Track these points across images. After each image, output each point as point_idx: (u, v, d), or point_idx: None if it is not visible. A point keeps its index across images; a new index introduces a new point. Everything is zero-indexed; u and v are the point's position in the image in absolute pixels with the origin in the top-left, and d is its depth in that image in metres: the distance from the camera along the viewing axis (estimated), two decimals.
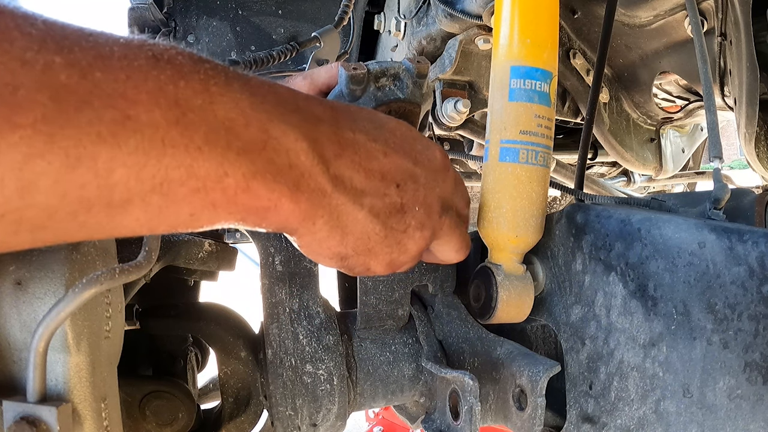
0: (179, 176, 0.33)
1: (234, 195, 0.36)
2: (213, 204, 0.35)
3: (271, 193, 0.37)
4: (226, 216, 0.37)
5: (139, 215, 0.33)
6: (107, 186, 0.30)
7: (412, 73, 0.60)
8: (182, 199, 0.34)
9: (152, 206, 0.33)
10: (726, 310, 0.47)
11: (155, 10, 1.51)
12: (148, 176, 0.32)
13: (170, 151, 0.32)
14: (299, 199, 0.39)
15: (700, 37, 0.66)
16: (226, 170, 0.35)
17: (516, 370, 0.59)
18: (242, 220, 0.38)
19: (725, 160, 0.60)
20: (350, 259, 0.47)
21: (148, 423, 0.66)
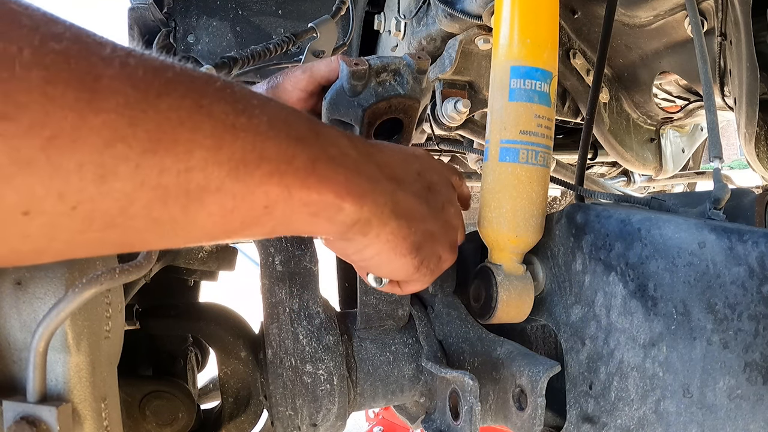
0: (253, 159, 0.33)
1: (305, 178, 0.36)
2: (288, 189, 0.36)
3: (336, 175, 0.39)
4: (301, 206, 0.37)
5: (214, 209, 0.33)
6: (186, 170, 0.31)
7: (413, 69, 0.61)
8: (257, 186, 0.34)
9: (227, 195, 0.33)
10: (726, 310, 0.47)
11: (155, 10, 1.51)
12: (224, 158, 0.32)
13: (242, 134, 0.33)
14: (361, 182, 0.41)
15: (700, 37, 0.66)
16: (293, 153, 0.36)
17: (516, 370, 0.59)
18: (317, 213, 0.39)
19: (725, 160, 0.60)
20: (423, 249, 0.50)
21: (148, 423, 0.66)
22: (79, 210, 0.28)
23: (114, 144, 0.28)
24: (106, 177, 0.28)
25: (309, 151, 0.37)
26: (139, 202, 0.30)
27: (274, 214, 0.36)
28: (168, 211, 0.31)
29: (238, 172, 0.33)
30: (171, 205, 0.31)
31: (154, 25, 1.57)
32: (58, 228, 0.28)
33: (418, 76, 0.61)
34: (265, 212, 0.36)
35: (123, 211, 0.29)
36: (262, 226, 0.37)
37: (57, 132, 0.26)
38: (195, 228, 0.34)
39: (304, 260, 0.65)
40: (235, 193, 0.33)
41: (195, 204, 0.32)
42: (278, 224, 0.38)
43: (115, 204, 0.29)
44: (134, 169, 0.29)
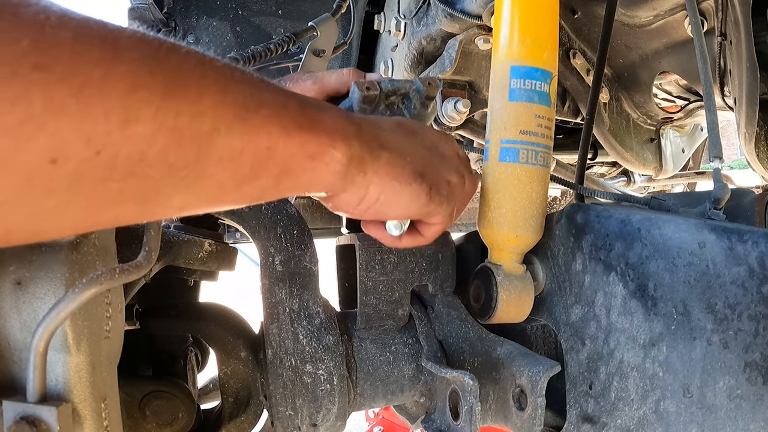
0: (253, 104, 0.38)
1: (298, 119, 0.41)
2: (284, 128, 0.39)
3: (323, 117, 0.43)
4: (298, 147, 0.40)
5: (224, 152, 0.36)
6: (198, 114, 0.34)
7: (422, 95, 0.62)
8: (260, 126, 0.38)
9: (235, 137, 0.36)
10: (726, 310, 0.47)
11: (155, 10, 1.51)
12: (229, 102, 0.36)
13: (241, 84, 0.38)
14: (345, 124, 0.45)
15: (700, 37, 0.66)
16: (285, 101, 0.41)
17: (516, 370, 0.59)
18: (314, 154, 0.42)
19: (725, 160, 0.60)
20: (428, 175, 0.51)
21: (148, 423, 0.66)
22: (103, 155, 0.30)
23: (137, 90, 0.31)
24: (130, 120, 0.31)
25: (296, 100, 0.42)
26: (156, 145, 0.32)
27: (276, 157, 0.39)
28: (183, 155, 0.34)
29: (242, 114, 0.37)
30: (186, 147, 0.34)
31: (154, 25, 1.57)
32: (82, 177, 0.30)
33: (426, 102, 0.63)
34: (269, 155, 0.39)
35: (142, 156, 0.32)
36: (268, 173, 0.40)
37: (86, 80, 0.29)
38: (207, 176, 0.36)
39: (304, 260, 0.65)
40: (242, 133, 0.37)
41: (206, 146, 0.35)
42: (282, 171, 0.40)
43: (135, 148, 0.31)
44: (154, 113, 0.32)
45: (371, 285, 0.66)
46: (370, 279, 0.66)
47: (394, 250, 0.67)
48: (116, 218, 0.35)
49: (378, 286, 0.67)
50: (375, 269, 0.66)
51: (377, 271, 0.66)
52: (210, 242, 0.70)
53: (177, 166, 0.34)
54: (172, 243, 0.66)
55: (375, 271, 0.66)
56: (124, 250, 0.55)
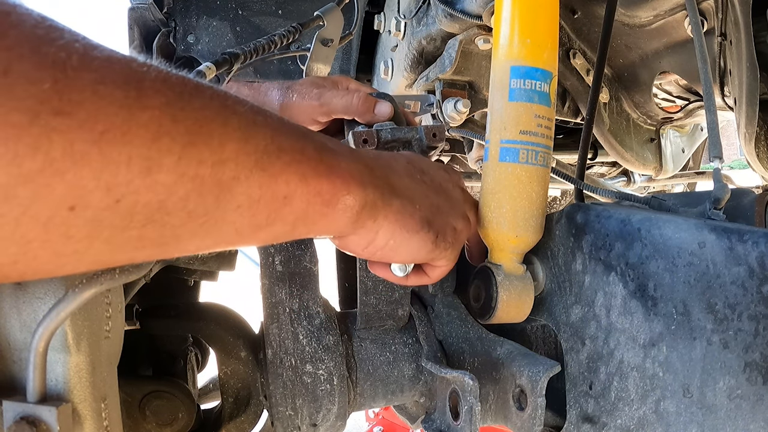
0: (274, 150, 0.37)
1: (316, 167, 0.41)
2: (304, 177, 0.39)
3: (340, 163, 0.43)
4: (315, 195, 0.41)
5: (242, 200, 0.36)
6: (220, 162, 0.33)
7: (423, 145, 0.63)
8: (279, 174, 0.38)
9: (254, 185, 0.36)
10: (726, 310, 0.47)
11: (155, 10, 1.51)
12: (251, 149, 0.36)
13: (262, 129, 0.37)
14: (360, 167, 0.45)
15: (700, 37, 0.66)
16: (303, 145, 0.40)
17: (516, 370, 0.59)
18: (329, 201, 0.42)
19: (725, 160, 0.60)
20: (435, 222, 0.52)
21: (148, 423, 0.66)
22: (122, 203, 0.30)
23: (160, 138, 0.30)
24: (152, 169, 0.30)
25: (314, 143, 0.42)
26: (177, 194, 0.32)
27: (293, 205, 0.39)
28: (203, 203, 0.33)
29: (263, 162, 0.36)
30: (206, 195, 0.33)
31: (154, 25, 1.57)
32: (101, 224, 0.30)
33: (427, 150, 0.63)
34: (285, 203, 0.39)
35: (162, 205, 0.31)
36: (284, 221, 0.40)
37: (109, 126, 0.28)
38: (225, 223, 0.36)
39: (304, 260, 0.65)
40: (261, 182, 0.36)
41: (226, 194, 0.34)
42: (297, 219, 0.40)
43: (155, 197, 0.31)
44: (177, 161, 0.31)
45: (371, 285, 0.66)
46: (370, 279, 0.66)
47: None
48: (133, 260, 0.36)
49: (378, 286, 0.67)
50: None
51: None
52: None
53: (196, 213, 0.34)
54: None
55: None
56: None
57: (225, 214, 0.35)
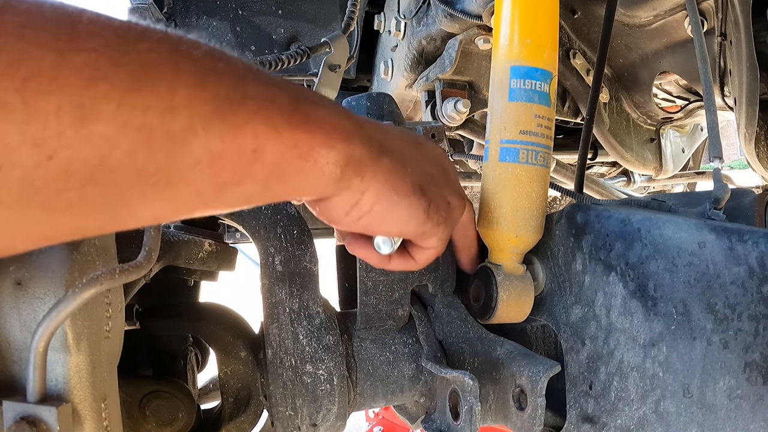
0: (237, 97, 0.32)
1: (290, 116, 0.35)
2: (274, 127, 0.34)
3: (319, 113, 0.38)
4: (290, 147, 0.35)
5: (201, 154, 0.31)
6: (170, 109, 0.29)
7: None
8: (244, 124, 0.33)
9: (215, 137, 0.31)
10: (726, 310, 0.47)
11: (155, 10, 1.51)
12: (208, 96, 0.31)
13: (223, 76, 0.32)
14: (344, 121, 0.40)
15: (700, 37, 0.66)
16: (273, 93, 0.35)
17: (516, 370, 0.59)
18: (306, 154, 0.37)
19: (725, 160, 0.60)
20: (427, 190, 0.47)
21: (148, 423, 0.66)
22: (56, 160, 0.26)
23: (96, 83, 0.27)
24: (86, 119, 0.27)
25: (288, 93, 0.36)
26: (121, 147, 0.28)
27: (264, 160, 0.34)
28: (153, 157, 0.29)
29: (223, 110, 0.32)
30: (155, 149, 0.29)
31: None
32: (33, 185, 0.26)
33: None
34: (255, 157, 0.34)
35: (104, 159, 0.28)
36: (254, 179, 0.35)
37: (34, 72, 0.25)
38: (182, 183, 0.31)
39: (304, 260, 0.65)
40: (223, 133, 0.32)
41: (180, 148, 0.30)
42: (270, 175, 0.36)
43: (95, 151, 0.27)
44: (116, 109, 0.27)
45: (371, 285, 0.66)
46: (370, 279, 0.66)
47: None
48: (79, 230, 0.31)
49: (378, 286, 0.67)
50: (375, 269, 0.66)
51: (377, 271, 0.66)
52: (210, 242, 0.70)
53: (146, 170, 0.29)
54: (172, 243, 0.66)
55: (375, 271, 0.66)
56: (124, 250, 0.55)
57: (181, 172, 0.31)
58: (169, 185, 0.31)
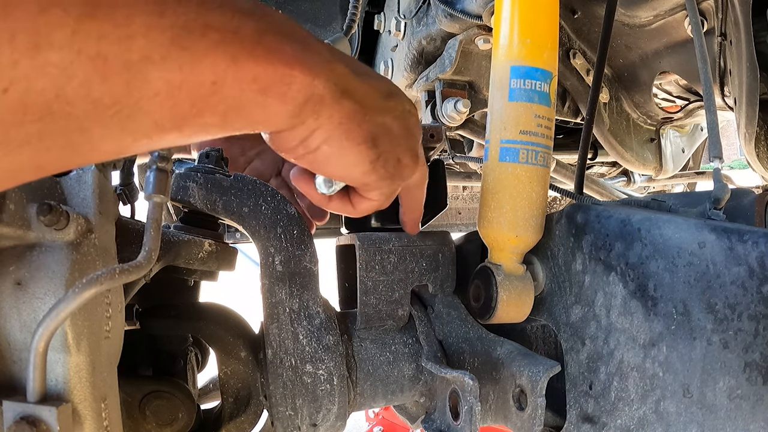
0: (197, 26, 0.31)
1: (252, 49, 0.34)
2: (234, 59, 0.33)
3: (286, 46, 0.37)
4: (250, 82, 0.35)
5: (160, 85, 0.30)
6: (127, 37, 0.28)
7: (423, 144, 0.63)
8: (203, 55, 0.32)
9: (173, 67, 0.31)
10: (726, 310, 0.47)
11: None
12: (167, 24, 0.30)
13: (184, 2, 0.31)
14: (312, 55, 0.38)
15: (700, 37, 0.66)
16: (238, 24, 0.34)
17: (516, 370, 0.59)
18: (267, 88, 0.36)
19: (725, 160, 0.60)
20: (380, 142, 0.46)
21: (148, 423, 0.66)
22: (11, 92, 0.25)
23: (49, 8, 0.25)
24: (41, 46, 0.26)
25: (256, 24, 0.35)
26: (76, 77, 0.27)
27: (223, 93, 0.34)
28: (110, 89, 0.29)
29: (182, 40, 0.31)
30: (112, 79, 0.28)
31: None
32: None
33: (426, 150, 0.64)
34: (214, 89, 0.33)
35: (60, 91, 0.27)
36: (213, 111, 0.34)
37: None
38: (141, 114, 0.31)
39: (304, 260, 0.65)
40: (182, 63, 0.31)
41: (138, 78, 0.29)
42: (229, 108, 0.35)
43: (51, 82, 0.26)
44: (70, 36, 0.26)
45: (371, 285, 0.66)
46: (370, 279, 0.66)
47: (394, 251, 0.67)
48: (41, 165, 0.30)
49: (378, 286, 0.67)
50: (375, 269, 0.66)
51: (377, 271, 0.66)
52: (210, 242, 0.70)
53: (104, 102, 0.29)
54: (172, 243, 0.66)
55: (375, 271, 0.66)
56: (124, 250, 0.55)
57: (140, 103, 0.30)
58: (130, 117, 0.30)
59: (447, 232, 0.72)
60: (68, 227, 0.45)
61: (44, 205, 0.43)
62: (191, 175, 0.64)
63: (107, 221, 0.51)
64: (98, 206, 0.48)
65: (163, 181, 0.47)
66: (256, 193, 0.64)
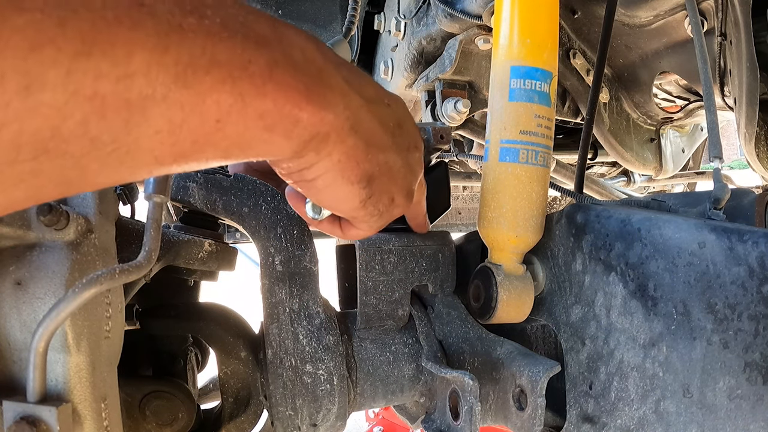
0: (203, 63, 0.30)
1: (262, 85, 0.33)
2: (242, 97, 0.32)
3: (297, 83, 0.35)
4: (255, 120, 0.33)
5: (161, 123, 0.29)
6: (126, 76, 0.27)
7: (430, 145, 0.63)
8: (208, 93, 0.30)
9: (175, 106, 0.29)
10: (726, 310, 0.47)
11: None
12: (170, 61, 0.28)
13: (190, 35, 0.29)
14: (324, 92, 0.37)
15: (700, 37, 0.66)
16: (249, 57, 0.32)
17: (516, 370, 0.59)
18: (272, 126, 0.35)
19: (725, 160, 0.60)
20: (376, 182, 0.45)
21: (148, 423, 0.66)
22: (4, 133, 0.25)
23: (41, 47, 0.24)
24: (32, 87, 0.24)
25: (267, 56, 0.33)
26: (72, 117, 0.26)
27: (226, 131, 0.32)
28: (108, 127, 0.28)
29: (186, 78, 0.29)
30: (111, 118, 0.27)
31: None
32: None
33: (433, 151, 0.63)
34: (217, 128, 0.32)
35: (55, 131, 0.26)
36: (215, 147, 0.33)
37: None
38: (141, 151, 0.30)
39: (304, 260, 0.65)
40: (184, 102, 0.29)
41: (138, 116, 0.28)
42: (232, 144, 0.34)
43: (45, 122, 0.25)
44: (65, 76, 0.25)
45: (371, 285, 0.66)
46: (370, 279, 0.66)
47: (394, 251, 0.67)
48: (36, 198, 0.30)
49: (378, 286, 0.67)
50: (375, 269, 0.66)
51: (377, 271, 0.66)
52: (210, 242, 0.70)
53: (102, 140, 0.28)
54: (172, 243, 0.66)
55: (375, 271, 0.66)
56: (124, 250, 0.55)
57: (139, 141, 0.29)
58: (128, 154, 0.30)
59: (447, 232, 0.72)
60: (68, 227, 0.45)
61: (44, 205, 0.43)
62: (191, 175, 0.64)
63: (107, 221, 0.51)
64: (98, 206, 0.48)
65: (163, 181, 0.47)
66: (256, 193, 0.64)
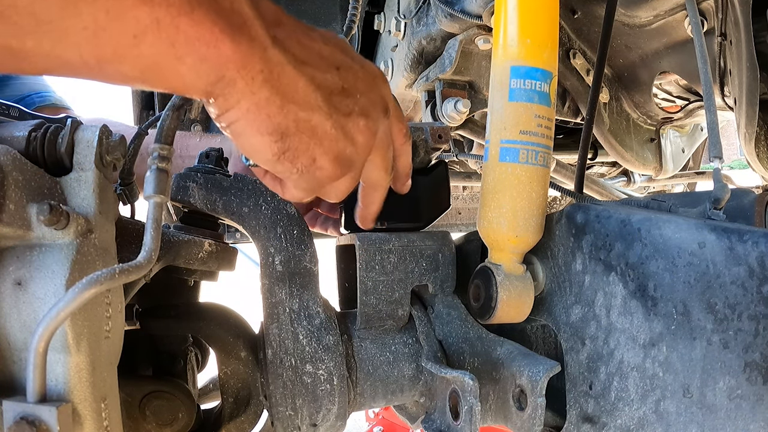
0: None
1: (177, 16, 0.35)
2: (157, 22, 0.35)
3: (212, 25, 0.37)
4: (168, 46, 0.36)
5: (88, 21, 0.33)
6: None
7: (428, 145, 0.64)
8: (129, 7, 0.34)
9: (100, 9, 0.33)
10: (726, 310, 0.47)
11: None
12: None
13: None
14: (240, 40, 0.39)
15: (700, 37, 0.66)
16: None
17: (516, 370, 0.59)
18: (182, 57, 0.37)
19: (725, 160, 0.60)
20: (292, 138, 0.45)
21: (148, 423, 0.66)
22: None
23: None
24: None
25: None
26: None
27: (142, 49, 0.36)
28: (47, 8, 0.32)
29: None
30: (51, 3, 0.32)
31: None
32: None
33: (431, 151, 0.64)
34: (134, 43, 0.35)
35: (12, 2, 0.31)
36: (133, 64, 0.36)
37: None
38: (69, 41, 0.34)
39: (304, 260, 0.65)
40: (108, 8, 0.33)
41: (70, 7, 0.33)
42: (148, 67, 0.37)
43: None
44: None
45: (371, 285, 0.66)
46: (370, 279, 0.66)
47: (394, 250, 0.67)
48: None
49: (378, 286, 0.67)
50: (375, 269, 0.66)
51: (377, 271, 0.66)
52: (210, 242, 0.70)
53: (41, 17, 0.33)
54: (172, 243, 0.66)
55: (375, 271, 0.66)
56: (124, 250, 0.55)
57: (69, 31, 0.34)
58: (60, 40, 0.34)
59: (447, 232, 0.72)
60: (68, 227, 0.45)
61: (44, 205, 0.43)
62: (191, 175, 0.64)
63: (107, 221, 0.51)
64: (98, 206, 0.48)
65: (163, 181, 0.47)
66: (256, 193, 0.64)
